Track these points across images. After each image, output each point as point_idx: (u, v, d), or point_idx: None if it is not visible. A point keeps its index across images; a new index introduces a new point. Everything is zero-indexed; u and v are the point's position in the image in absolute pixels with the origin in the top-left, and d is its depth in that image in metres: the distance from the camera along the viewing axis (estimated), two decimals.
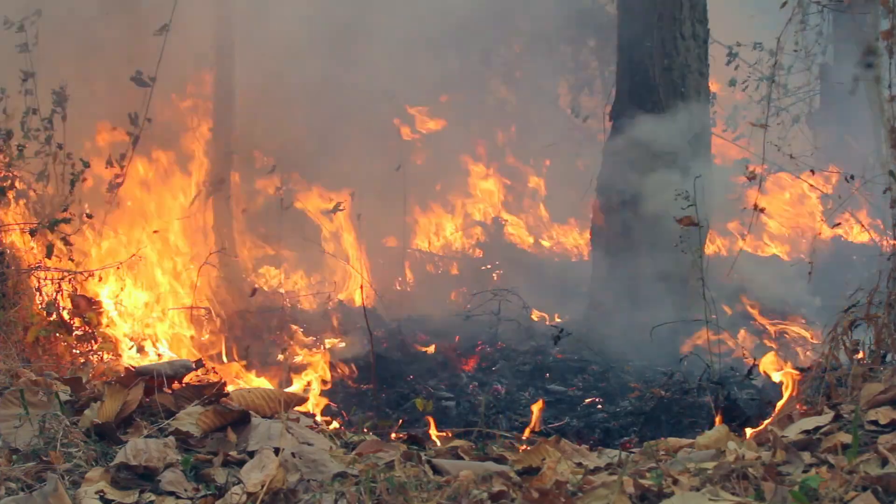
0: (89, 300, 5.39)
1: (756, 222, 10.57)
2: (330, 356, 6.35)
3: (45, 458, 2.80)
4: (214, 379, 4.30)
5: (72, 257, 5.57)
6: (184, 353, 5.97)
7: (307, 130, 8.96)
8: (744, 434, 3.24)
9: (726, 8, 9.98)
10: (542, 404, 4.37)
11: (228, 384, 4.05)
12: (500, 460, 2.94)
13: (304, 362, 6.09)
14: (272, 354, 6.48)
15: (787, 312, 8.14)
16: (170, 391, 3.24)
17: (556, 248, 11.29)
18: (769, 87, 7.43)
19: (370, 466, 2.73)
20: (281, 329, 7.13)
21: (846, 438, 2.74)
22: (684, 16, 7.39)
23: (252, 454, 2.87)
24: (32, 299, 5.13)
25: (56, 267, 5.39)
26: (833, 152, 11.59)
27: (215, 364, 5.76)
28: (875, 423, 2.84)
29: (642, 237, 7.29)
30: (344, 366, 6.26)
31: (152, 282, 6.50)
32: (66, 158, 6.34)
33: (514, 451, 3.16)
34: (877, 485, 2.39)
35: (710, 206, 7.47)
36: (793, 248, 11.19)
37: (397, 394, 5.84)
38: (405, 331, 7.38)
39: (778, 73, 7.84)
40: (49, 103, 6.72)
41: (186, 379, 3.39)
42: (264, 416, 3.15)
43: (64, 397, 3.22)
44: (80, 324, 5.24)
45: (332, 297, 7.94)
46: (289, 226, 8.79)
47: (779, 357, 4.64)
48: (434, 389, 5.92)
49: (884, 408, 2.89)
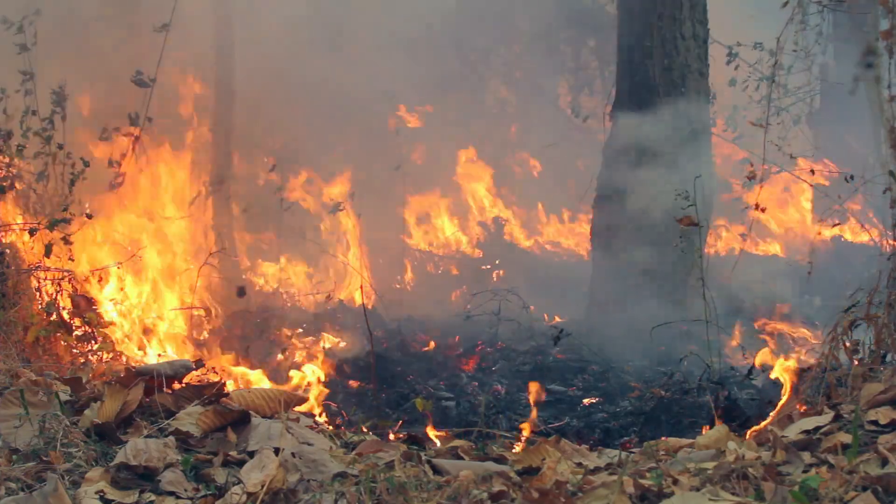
0: (89, 300, 5.38)
1: (756, 222, 10.60)
2: (330, 356, 6.35)
3: (45, 458, 2.80)
4: (214, 379, 4.30)
5: (72, 257, 5.56)
6: (185, 353, 5.97)
7: (307, 130, 8.96)
8: (744, 434, 3.23)
9: (726, 8, 9.97)
10: (540, 395, 4.33)
11: (228, 384, 4.06)
12: (500, 460, 2.94)
13: (304, 362, 6.09)
14: (272, 354, 6.48)
15: (786, 312, 8.14)
16: (170, 391, 3.24)
17: (556, 248, 11.28)
18: (769, 87, 7.43)
19: (370, 466, 2.73)
20: (281, 329, 7.13)
21: (846, 438, 2.74)
22: (684, 16, 7.39)
23: (252, 454, 2.87)
24: (32, 299, 5.12)
25: (56, 267, 5.38)
26: (833, 152, 11.59)
27: (215, 364, 5.75)
28: (875, 423, 2.83)
29: (642, 237, 7.29)
30: (344, 366, 6.26)
31: (152, 282, 6.49)
32: (66, 158, 6.34)
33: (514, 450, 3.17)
34: (877, 485, 2.39)
35: (710, 206, 7.49)
36: (793, 248, 11.19)
37: (397, 394, 5.84)
38: (405, 331, 7.38)
39: (778, 73, 7.83)
40: (48, 103, 6.72)
41: (186, 379, 3.40)
42: (264, 416, 3.15)
43: (64, 397, 3.22)
44: (80, 323, 5.24)
45: (331, 297, 7.94)
46: (289, 226, 8.79)
47: (778, 356, 4.64)
48: (434, 389, 5.92)
49: (884, 408, 2.89)
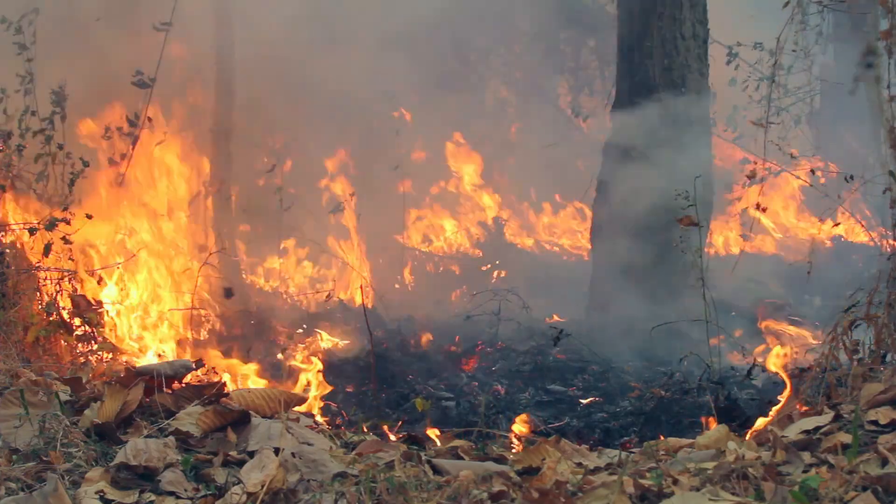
0: (89, 300, 5.38)
1: (757, 222, 10.60)
2: (330, 356, 6.35)
3: (45, 458, 2.80)
4: (214, 379, 4.30)
5: (72, 257, 5.56)
6: (185, 354, 5.97)
7: (307, 130, 8.96)
8: (744, 434, 3.24)
9: (726, 8, 9.97)
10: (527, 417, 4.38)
11: (228, 384, 4.06)
12: (500, 460, 2.94)
13: (304, 362, 6.09)
14: (272, 354, 6.48)
15: (786, 312, 8.13)
16: (170, 391, 3.24)
17: (556, 248, 11.28)
18: (769, 87, 7.43)
19: (370, 466, 2.73)
20: (280, 329, 7.13)
21: (846, 438, 2.74)
22: (684, 16, 7.38)
23: (252, 454, 2.87)
24: (33, 299, 5.12)
25: (56, 267, 5.38)
26: (833, 152, 11.59)
27: (215, 364, 5.75)
28: (875, 423, 2.84)
29: (642, 237, 7.29)
30: (344, 366, 6.26)
31: (152, 282, 6.49)
32: (66, 158, 6.34)
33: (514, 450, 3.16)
34: (877, 485, 2.39)
35: (710, 206, 7.50)
36: (793, 248, 11.19)
37: (397, 394, 5.84)
38: (405, 331, 7.38)
39: (778, 73, 7.83)
40: (48, 103, 6.71)
41: (186, 379, 3.40)
42: (264, 416, 3.15)
43: (64, 397, 3.22)
44: (79, 323, 5.23)
45: (331, 297, 7.94)
46: (289, 225, 8.79)
47: (779, 355, 4.65)
48: (434, 389, 5.92)
49: (884, 408, 2.89)
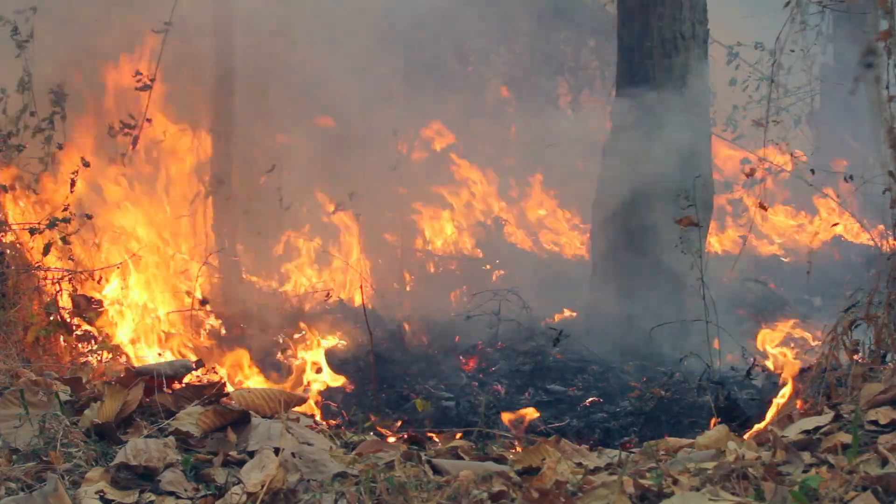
0: (89, 300, 5.38)
1: (756, 222, 10.59)
2: (330, 356, 6.35)
3: (45, 458, 2.80)
4: (214, 379, 4.30)
5: (72, 257, 5.56)
6: (186, 354, 5.96)
7: (307, 130, 8.96)
8: (744, 434, 3.24)
9: (726, 8, 9.97)
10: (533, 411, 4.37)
11: (228, 384, 4.06)
12: (500, 460, 2.94)
13: (304, 362, 6.08)
14: (272, 354, 6.47)
15: (786, 312, 8.14)
16: (170, 391, 3.24)
17: (557, 248, 11.28)
18: (769, 87, 7.42)
19: (370, 466, 2.73)
20: (280, 329, 7.12)
21: (846, 438, 2.74)
22: (684, 16, 7.38)
23: (252, 454, 2.87)
24: (33, 299, 5.12)
25: (56, 267, 5.38)
26: (833, 152, 11.60)
27: (214, 364, 5.75)
28: (875, 423, 2.84)
29: (642, 237, 7.29)
30: (344, 366, 6.25)
31: (152, 282, 6.49)
32: (67, 158, 6.34)
33: (514, 450, 3.16)
34: (877, 485, 2.39)
35: (709, 206, 7.50)
36: (793, 248, 11.20)
37: (397, 394, 5.84)
38: (405, 331, 7.38)
39: (778, 73, 7.83)
40: (46, 102, 6.69)
41: (186, 379, 3.40)
42: (264, 416, 3.15)
43: (64, 397, 3.22)
44: (79, 322, 5.23)
45: (331, 297, 7.94)
46: (288, 225, 8.78)
47: (781, 355, 4.65)
48: (434, 389, 5.92)
49: (884, 408, 2.89)
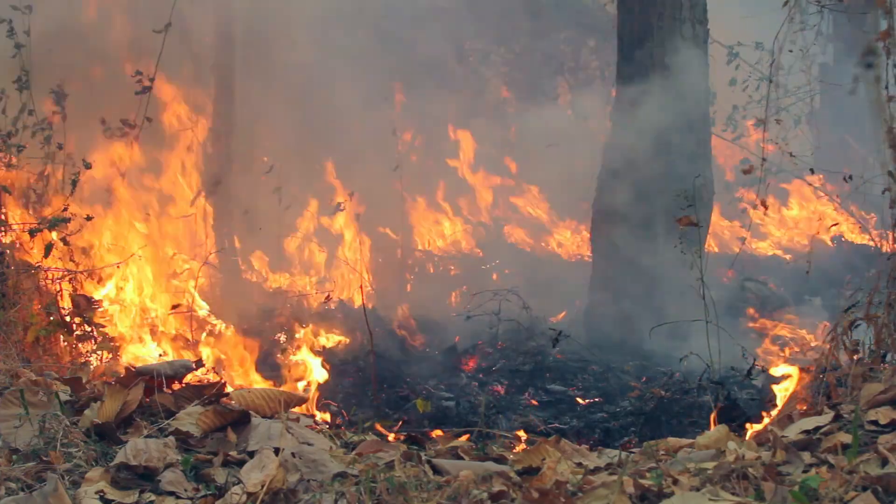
0: (89, 300, 5.37)
1: (756, 221, 10.59)
2: (330, 356, 6.35)
3: (45, 458, 2.80)
4: (214, 379, 4.30)
5: (72, 257, 5.56)
6: (186, 353, 5.96)
7: (307, 129, 8.96)
8: (744, 434, 3.24)
9: (726, 8, 9.97)
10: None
11: (228, 384, 4.05)
12: (500, 460, 2.94)
13: (304, 362, 6.08)
14: (272, 355, 6.47)
15: (786, 312, 8.14)
16: (170, 391, 3.24)
17: (557, 248, 11.28)
18: (768, 86, 7.42)
19: (370, 466, 2.73)
20: (280, 329, 7.12)
21: (846, 438, 2.74)
22: (684, 16, 7.38)
23: (252, 454, 2.87)
24: (33, 299, 5.11)
25: (56, 267, 5.38)
26: (833, 152, 11.60)
27: (214, 364, 5.75)
28: (875, 423, 2.84)
29: (642, 238, 7.29)
30: (344, 366, 6.25)
31: (152, 282, 6.49)
32: (67, 159, 6.33)
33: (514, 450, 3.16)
34: (877, 485, 2.39)
35: (709, 205, 7.50)
36: (793, 248, 11.20)
37: (397, 394, 5.84)
38: (405, 331, 7.38)
39: (777, 74, 7.82)
40: (45, 102, 6.69)
41: (186, 379, 3.40)
42: (264, 416, 3.15)
43: (64, 397, 3.22)
44: (79, 322, 5.23)
45: (331, 297, 7.94)
46: (288, 225, 8.78)
47: (783, 356, 4.65)
48: (434, 389, 5.92)
49: (884, 408, 2.89)
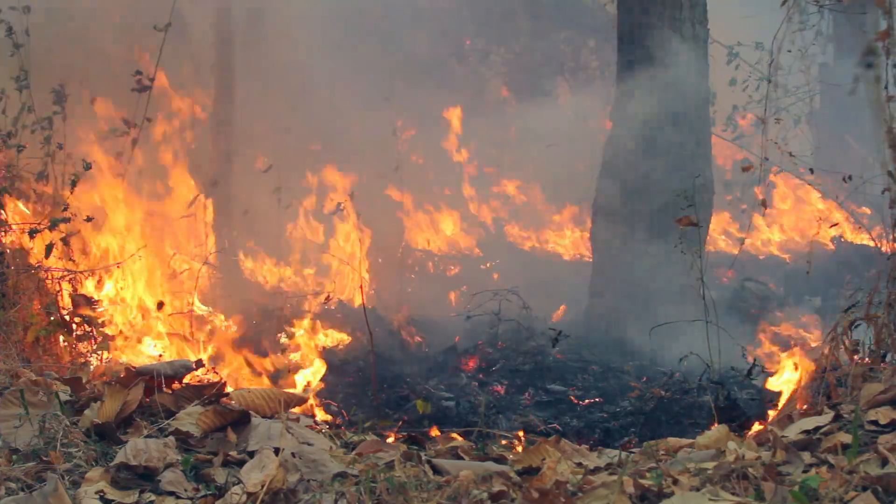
0: (89, 299, 5.38)
1: (756, 221, 10.58)
2: (330, 356, 6.35)
3: (45, 458, 2.80)
4: (214, 379, 4.30)
5: (72, 257, 5.56)
6: (186, 353, 5.96)
7: (307, 129, 8.96)
8: (744, 434, 3.24)
9: (726, 8, 9.97)
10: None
11: (228, 384, 4.05)
12: (500, 460, 2.94)
13: (304, 362, 6.09)
14: (271, 354, 6.47)
15: (786, 312, 8.14)
16: (170, 391, 3.24)
17: (557, 248, 11.28)
18: (767, 86, 7.43)
19: (370, 466, 2.73)
20: (280, 329, 7.12)
21: (846, 438, 2.74)
22: (684, 16, 7.38)
23: (252, 454, 2.87)
24: (33, 299, 5.11)
25: (56, 267, 5.38)
26: (833, 152, 11.60)
27: (215, 364, 5.75)
28: (875, 423, 2.84)
29: (642, 238, 7.29)
30: (344, 366, 6.25)
31: (152, 282, 6.49)
32: (67, 158, 6.33)
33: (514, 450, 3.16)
34: (877, 485, 2.39)
35: (709, 206, 7.50)
36: (792, 248, 11.20)
37: (397, 394, 5.84)
38: (405, 331, 7.38)
39: (777, 74, 7.83)
40: (44, 101, 6.69)
41: (186, 379, 3.40)
42: (264, 416, 3.15)
43: (64, 397, 3.22)
44: (80, 321, 5.23)
45: (331, 297, 7.94)
46: (288, 225, 8.79)
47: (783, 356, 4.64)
48: (434, 389, 5.92)
49: (884, 408, 2.89)
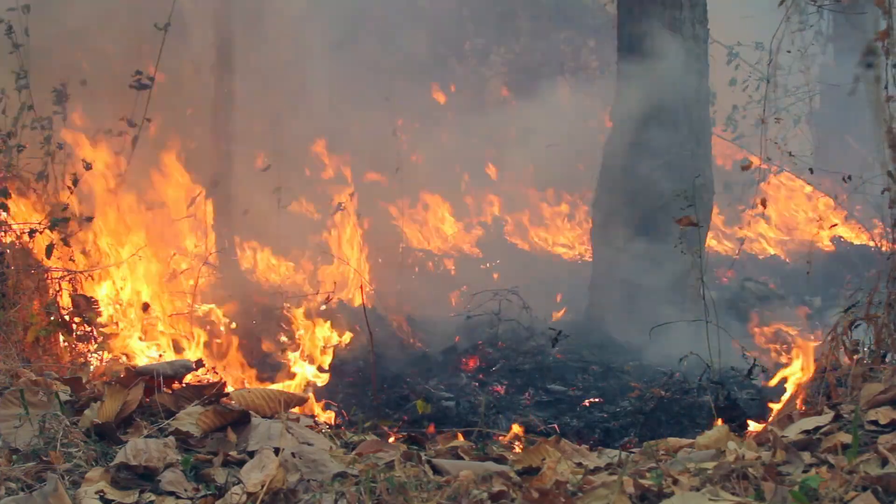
0: (89, 300, 5.38)
1: (756, 221, 10.58)
2: (329, 356, 6.35)
3: (45, 458, 2.80)
4: (214, 379, 4.30)
5: (72, 257, 5.56)
6: (187, 353, 5.96)
7: (307, 129, 8.96)
8: (744, 434, 3.24)
9: (726, 8, 9.97)
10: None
11: (228, 385, 4.05)
12: (500, 460, 2.94)
13: (304, 362, 6.09)
14: (271, 355, 6.47)
15: (786, 312, 8.14)
16: (170, 391, 3.24)
17: (557, 248, 11.29)
18: (766, 86, 7.44)
19: (370, 466, 2.73)
20: (280, 329, 7.12)
21: (846, 438, 2.74)
22: (684, 16, 7.38)
23: (252, 454, 2.87)
24: (33, 299, 5.11)
25: (56, 267, 5.38)
26: (833, 152, 11.60)
27: (215, 364, 5.75)
28: (875, 423, 2.83)
29: (642, 237, 7.29)
30: (344, 366, 6.25)
31: (151, 282, 6.49)
32: (67, 158, 6.33)
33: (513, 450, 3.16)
34: (877, 485, 2.39)
35: (709, 206, 7.50)
36: (792, 248, 11.20)
37: (397, 394, 5.84)
38: (405, 331, 7.37)
39: (776, 74, 7.83)
40: (44, 101, 6.68)
41: (186, 379, 3.40)
42: (264, 416, 3.15)
43: (64, 397, 3.22)
44: (80, 321, 5.23)
45: (331, 297, 7.94)
46: (288, 225, 8.78)
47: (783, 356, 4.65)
48: (434, 389, 5.92)
49: (884, 408, 2.89)
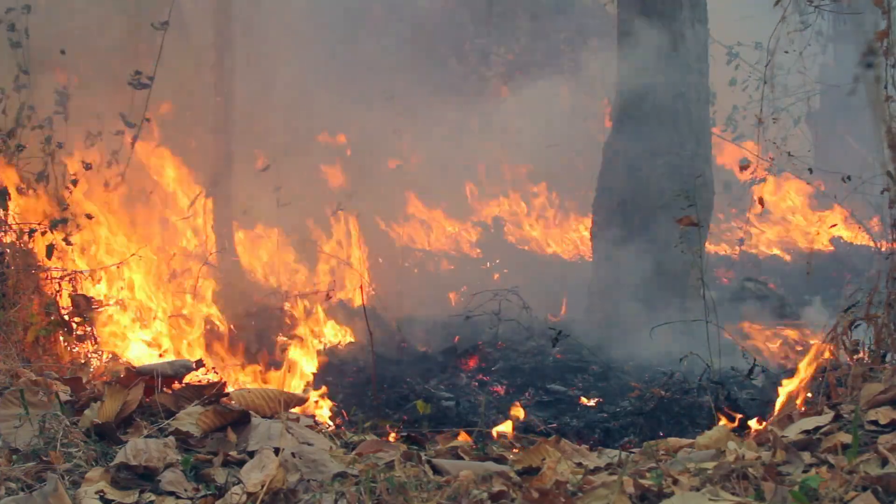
0: (89, 300, 5.38)
1: (756, 221, 10.59)
2: (330, 356, 6.35)
3: (45, 458, 2.80)
4: (214, 379, 4.30)
5: (72, 257, 5.56)
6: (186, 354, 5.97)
7: (307, 129, 8.97)
8: (744, 434, 3.24)
9: (726, 8, 9.98)
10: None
11: (228, 385, 4.06)
12: (500, 460, 2.95)
13: (304, 362, 6.09)
14: (271, 355, 6.48)
15: (786, 312, 8.14)
16: (170, 391, 3.24)
17: (557, 248, 11.29)
18: (764, 87, 7.44)
19: (370, 466, 2.73)
20: (280, 329, 7.12)
21: (846, 438, 2.74)
22: (684, 16, 7.38)
23: (252, 454, 2.87)
24: (33, 299, 5.12)
25: (56, 267, 5.38)
26: (833, 152, 11.61)
27: (215, 364, 5.75)
28: (875, 423, 2.83)
29: (642, 238, 7.30)
30: (344, 366, 6.26)
31: (151, 282, 6.49)
32: (67, 158, 6.34)
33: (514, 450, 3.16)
34: (877, 485, 2.39)
35: (709, 206, 7.50)
36: (792, 248, 11.20)
37: (397, 394, 5.84)
38: (405, 331, 7.38)
39: (774, 74, 7.83)
40: (44, 100, 6.68)
41: (186, 379, 3.40)
42: (264, 416, 3.15)
43: (64, 397, 3.22)
44: (80, 321, 5.23)
45: (331, 297, 7.94)
46: (288, 225, 8.79)
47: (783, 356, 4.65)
48: (434, 389, 5.92)
49: (884, 408, 2.89)
